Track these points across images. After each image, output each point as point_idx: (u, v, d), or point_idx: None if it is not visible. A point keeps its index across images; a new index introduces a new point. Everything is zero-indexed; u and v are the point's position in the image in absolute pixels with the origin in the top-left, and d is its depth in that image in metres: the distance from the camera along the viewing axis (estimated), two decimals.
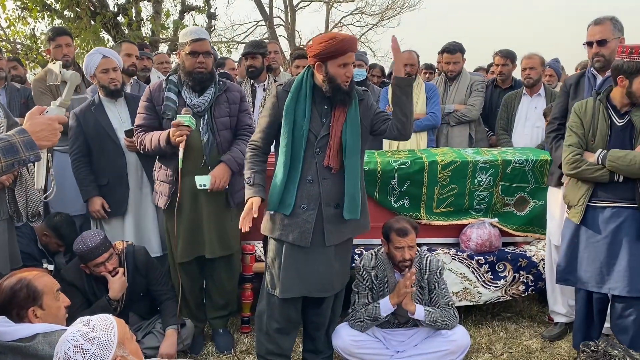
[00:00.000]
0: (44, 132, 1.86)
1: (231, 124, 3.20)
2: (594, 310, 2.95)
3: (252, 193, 2.64)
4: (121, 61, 3.66)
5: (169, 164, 3.11)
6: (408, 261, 2.95)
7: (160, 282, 3.20)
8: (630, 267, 2.72)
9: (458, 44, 4.58)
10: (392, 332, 3.09)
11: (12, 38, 11.12)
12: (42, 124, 1.86)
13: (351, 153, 2.66)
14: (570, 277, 2.95)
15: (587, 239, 2.87)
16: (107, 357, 1.59)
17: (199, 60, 3.02)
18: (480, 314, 3.76)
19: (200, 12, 11.96)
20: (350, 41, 2.58)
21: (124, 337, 1.66)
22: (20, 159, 1.79)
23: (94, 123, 3.41)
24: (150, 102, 3.12)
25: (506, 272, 3.46)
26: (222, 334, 3.40)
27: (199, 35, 3.06)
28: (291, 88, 2.67)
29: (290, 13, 18.68)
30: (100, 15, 9.54)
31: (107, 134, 3.41)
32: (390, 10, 19.57)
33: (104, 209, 3.42)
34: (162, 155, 3.14)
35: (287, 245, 2.68)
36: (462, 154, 3.67)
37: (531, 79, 4.37)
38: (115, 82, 3.43)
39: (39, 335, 1.78)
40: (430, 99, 4.34)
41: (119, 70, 3.51)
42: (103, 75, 3.40)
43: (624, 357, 1.70)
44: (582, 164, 2.80)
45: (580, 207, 2.86)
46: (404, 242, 2.91)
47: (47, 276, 2.11)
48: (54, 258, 3.63)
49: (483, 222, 3.53)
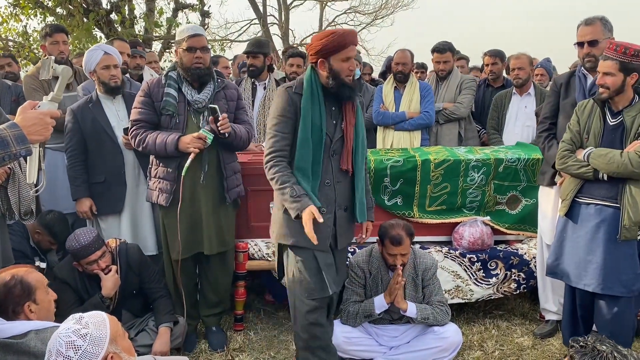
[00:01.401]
0: (35, 127, 1.84)
1: (229, 120, 3.20)
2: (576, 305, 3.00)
3: (305, 204, 2.47)
4: (121, 58, 3.64)
5: (169, 162, 3.09)
6: (401, 267, 2.98)
7: (153, 280, 3.20)
8: (605, 265, 2.77)
9: (448, 43, 4.60)
10: (384, 328, 3.11)
11: (4, 35, 11.04)
12: (33, 118, 1.85)
13: (361, 155, 2.69)
14: (557, 270, 3.00)
15: (572, 233, 2.94)
16: (99, 353, 1.60)
17: (197, 55, 3.03)
18: (472, 311, 3.78)
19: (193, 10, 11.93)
20: (351, 34, 2.58)
21: (116, 334, 1.67)
22: (11, 153, 1.78)
23: (91, 120, 3.40)
24: (149, 97, 3.11)
25: (498, 270, 3.48)
26: (215, 332, 3.40)
27: (196, 31, 3.07)
28: (303, 90, 2.59)
29: (284, 12, 18.64)
30: (93, 12, 9.49)
31: (105, 131, 3.40)
32: (384, 10, 19.59)
33: (92, 211, 3.42)
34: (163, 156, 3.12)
35: (312, 251, 2.61)
36: (454, 152, 3.68)
37: (520, 79, 4.40)
38: (116, 79, 3.42)
39: (31, 332, 1.78)
40: (424, 98, 4.35)
41: (119, 67, 3.50)
42: (104, 71, 3.39)
43: (612, 353, 1.72)
44: (569, 159, 2.88)
45: (567, 201, 2.93)
46: (397, 250, 2.95)
47: (35, 272, 2.11)
48: (46, 256, 3.61)
49: (475, 220, 3.55)
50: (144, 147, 3.06)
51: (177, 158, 3.04)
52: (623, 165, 2.66)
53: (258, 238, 3.55)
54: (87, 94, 3.63)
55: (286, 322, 3.70)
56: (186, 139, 2.97)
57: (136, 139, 3.07)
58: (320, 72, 2.58)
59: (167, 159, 3.09)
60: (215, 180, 3.16)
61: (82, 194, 3.42)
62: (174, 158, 3.05)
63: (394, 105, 4.37)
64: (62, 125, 3.64)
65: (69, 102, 3.84)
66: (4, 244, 2.89)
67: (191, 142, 2.96)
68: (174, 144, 2.97)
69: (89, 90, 3.70)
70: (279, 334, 3.55)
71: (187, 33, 3.05)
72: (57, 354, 1.58)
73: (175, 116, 3.07)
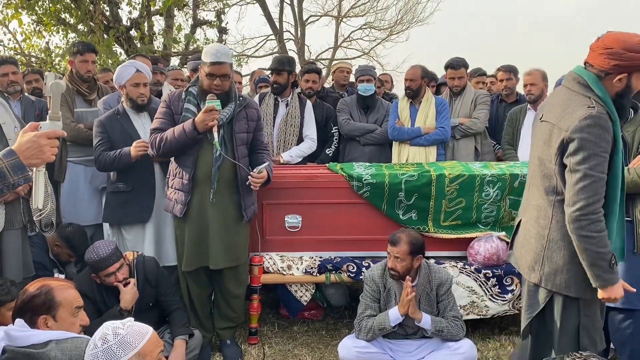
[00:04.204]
0: (29, 151, 1.77)
1: (247, 140, 3.26)
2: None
3: (616, 279, 2.18)
4: (151, 76, 3.70)
5: (185, 171, 3.14)
6: (392, 270, 2.99)
7: (169, 293, 3.23)
8: (624, 279, 2.73)
9: (461, 59, 4.62)
10: (399, 343, 3.10)
11: (27, 51, 11.31)
12: (27, 142, 1.78)
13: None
14: None
15: None
16: (121, 356, 1.66)
17: (215, 82, 3.08)
18: (488, 327, 3.75)
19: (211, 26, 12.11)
20: None
21: (148, 353, 1.72)
22: (9, 184, 1.74)
23: (120, 130, 3.45)
24: (169, 108, 3.19)
25: (514, 285, 3.45)
26: (230, 345, 3.42)
27: (218, 58, 3.04)
28: (609, 111, 2.14)
29: (300, 27, 18.82)
30: (114, 29, 9.69)
31: (134, 141, 3.42)
32: (399, 25, 19.67)
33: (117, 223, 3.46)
34: (179, 156, 3.16)
35: (597, 309, 2.37)
36: (469, 167, 3.69)
37: (532, 95, 4.41)
38: (144, 98, 3.49)
39: (52, 342, 1.80)
40: (440, 114, 4.36)
41: (148, 85, 3.56)
42: (133, 88, 3.45)
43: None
44: None
45: None
46: (391, 250, 2.97)
47: (72, 290, 2.09)
48: (65, 268, 3.67)
49: (491, 235, 3.53)
50: (165, 144, 3.07)
51: (191, 167, 3.10)
52: (632, 182, 2.65)
53: (273, 251, 3.57)
54: (107, 109, 3.71)
55: (300, 336, 3.71)
56: (200, 118, 3.00)
57: (156, 141, 3.12)
58: (611, 85, 2.17)
59: (184, 167, 3.13)
60: (226, 197, 3.19)
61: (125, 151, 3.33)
62: (189, 166, 3.11)
63: (409, 120, 4.39)
64: (84, 139, 3.72)
65: (90, 117, 3.93)
66: (25, 255, 2.96)
67: (206, 118, 2.98)
68: (192, 126, 3.00)
69: (110, 105, 3.77)
70: (293, 348, 3.55)
71: (210, 59, 3.04)
72: (94, 339, 1.73)
73: None
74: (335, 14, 19.73)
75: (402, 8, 19.47)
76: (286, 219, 3.57)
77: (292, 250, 3.58)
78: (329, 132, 4.52)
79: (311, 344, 3.61)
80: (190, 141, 3.05)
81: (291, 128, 4.23)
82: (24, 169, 1.76)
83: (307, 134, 4.28)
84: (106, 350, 1.68)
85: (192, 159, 3.13)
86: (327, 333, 3.78)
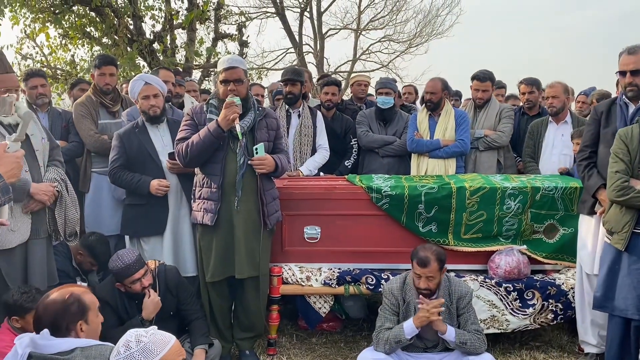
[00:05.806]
0: (14, 170, 1.92)
1: (268, 148, 3.31)
2: (630, 339, 2.90)
3: None
4: (165, 87, 3.75)
5: (213, 180, 3.20)
6: (424, 290, 2.96)
7: (190, 302, 3.25)
8: None
9: (489, 72, 4.59)
10: (418, 356, 3.07)
11: (53, 64, 11.56)
12: (12, 163, 1.93)
13: None
14: (608, 304, 2.92)
15: (630, 265, 2.86)
16: None
17: (230, 88, 3.14)
18: (509, 342, 3.70)
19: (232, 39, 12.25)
20: None
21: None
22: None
23: (137, 144, 3.52)
24: (193, 120, 3.28)
25: (535, 300, 3.41)
26: (249, 356, 3.43)
27: (231, 64, 3.17)
28: None
29: (319, 40, 18.98)
30: (137, 42, 9.86)
31: (150, 155, 3.51)
32: (419, 38, 19.69)
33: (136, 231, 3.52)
34: (205, 165, 3.22)
35: None
36: (490, 180, 3.66)
37: (554, 108, 4.37)
38: (155, 109, 3.53)
39: (77, 349, 1.84)
40: (460, 126, 4.33)
41: (161, 96, 3.60)
42: (144, 101, 3.52)
43: None
44: (631, 191, 2.81)
45: (625, 233, 2.86)
46: (422, 272, 2.94)
47: (90, 293, 2.17)
48: (87, 276, 3.73)
49: (512, 249, 3.50)
50: (192, 148, 3.13)
51: (219, 175, 3.16)
52: None
53: (292, 262, 3.59)
54: (131, 120, 3.78)
55: (319, 348, 3.71)
56: (222, 115, 3.09)
57: (182, 149, 3.17)
58: None
59: (211, 175, 3.19)
60: (250, 205, 3.23)
61: (147, 180, 3.44)
62: (217, 174, 3.17)
63: (428, 132, 4.37)
64: (108, 150, 3.80)
65: (114, 128, 4.00)
66: (50, 264, 3.02)
67: (227, 114, 3.06)
68: (216, 126, 3.08)
69: (134, 117, 3.84)
70: (311, 359, 3.55)
71: (222, 65, 3.17)
72: (117, 346, 1.77)
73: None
74: (354, 27, 19.84)
75: (421, 21, 19.53)
76: (305, 230, 3.58)
77: (311, 262, 3.60)
78: (348, 144, 4.54)
79: (329, 356, 3.60)
80: (216, 140, 3.11)
81: (305, 138, 4.28)
82: (9, 190, 1.90)
83: (319, 143, 4.33)
84: (128, 357, 1.71)
85: (219, 166, 3.18)
86: (346, 345, 3.77)
